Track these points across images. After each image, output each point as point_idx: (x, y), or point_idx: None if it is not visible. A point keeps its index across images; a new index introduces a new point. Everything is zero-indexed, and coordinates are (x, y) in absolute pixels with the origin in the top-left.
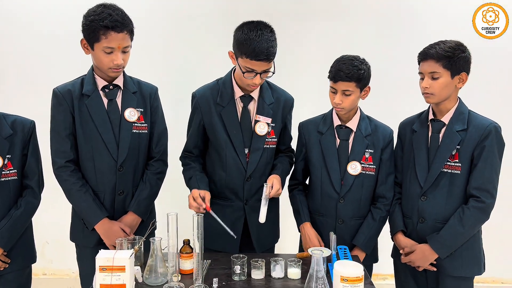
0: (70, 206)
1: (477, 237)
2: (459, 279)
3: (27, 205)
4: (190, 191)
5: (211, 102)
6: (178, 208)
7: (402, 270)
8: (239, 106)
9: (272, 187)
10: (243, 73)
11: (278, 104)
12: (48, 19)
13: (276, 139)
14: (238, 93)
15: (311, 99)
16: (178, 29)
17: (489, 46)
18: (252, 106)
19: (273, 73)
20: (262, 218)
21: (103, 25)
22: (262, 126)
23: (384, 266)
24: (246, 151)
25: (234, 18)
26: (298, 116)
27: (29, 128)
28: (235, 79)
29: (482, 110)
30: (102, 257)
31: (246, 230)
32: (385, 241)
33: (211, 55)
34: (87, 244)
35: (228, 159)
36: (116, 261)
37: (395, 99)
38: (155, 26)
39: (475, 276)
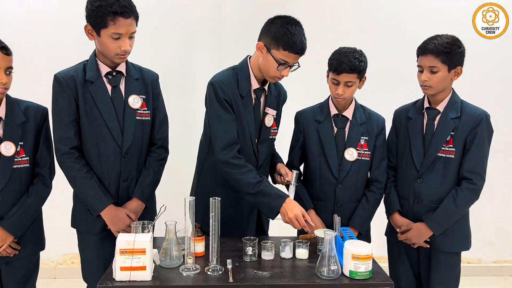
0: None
1: (466, 216)
2: (449, 254)
3: (38, 193)
4: (273, 203)
5: (236, 91)
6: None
7: (396, 247)
8: (253, 97)
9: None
10: (278, 65)
11: (279, 97)
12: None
13: (276, 131)
14: (254, 85)
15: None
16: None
17: (489, 46)
18: (262, 99)
19: (299, 66)
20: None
21: (112, 11)
22: (270, 118)
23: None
24: (256, 141)
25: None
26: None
27: (41, 115)
28: (252, 70)
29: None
30: (123, 240)
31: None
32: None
33: (208, 45)
34: (90, 230)
35: (244, 149)
36: (137, 244)
37: (388, 90)
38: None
39: None
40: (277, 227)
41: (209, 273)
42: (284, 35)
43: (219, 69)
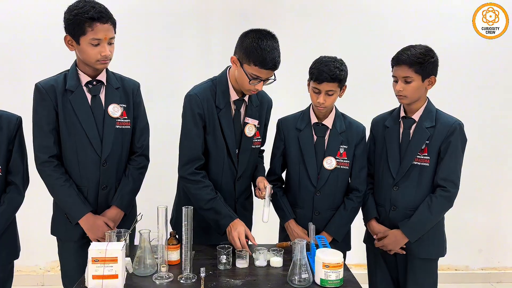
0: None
1: (441, 223)
2: (425, 260)
3: (11, 202)
4: (220, 222)
5: (212, 104)
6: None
7: (374, 254)
8: (232, 108)
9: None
10: (250, 80)
11: (262, 106)
12: (29, 14)
13: (260, 140)
14: (233, 96)
15: (284, 96)
16: (156, 26)
17: (489, 46)
18: (243, 109)
19: (274, 80)
20: (266, 218)
21: (89, 17)
22: (251, 128)
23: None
24: (236, 152)
25: (209, 16)
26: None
27: (15, 124)
28: (231, 82)
29: (482, 109)
30: (95, 249)
31: None
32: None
33: (192, 52)
34: (70, 238)
35: (221, 160)
36: (109, 253)
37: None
38: (135, 23)
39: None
40: (260, 237)
41: (181, 281)
42: (254, 50)
43: (203, 76)
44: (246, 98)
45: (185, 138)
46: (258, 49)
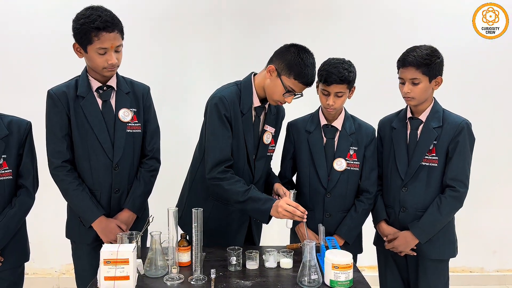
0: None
1: (452, 223)
2: (436, 261)
3: (21, 205)
4: (262, 208)
5: (237, 108)
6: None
7: (384, 256)
8: (253, 115)
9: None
10: (286, 91)
11: (278, 115)
12: (39, 19)
13: (274, 148)
14: (256, 103)
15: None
16: (166, 29)
17: (489, 46)
18: (262, 116)
19: (302, 95)
20: (290, 224)
21: (95, 27)
22: (268, 136)
23: (361, 259)
24: (253, 158)
25: (218, 18)
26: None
27: (25, 128)
28: (255, 88)
29: (482, 108)
30: (107, 251)
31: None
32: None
33: (201, 55)
34: (83, 241)
35: (241, 165)
36: (120, 254)
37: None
38: (144, 27)
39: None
40: (269, 239)
41: (192, 282)
42: (298, 64)
43: (211, 81)
44: (266, 106)
45: (214, 140)
46: (302, 64)
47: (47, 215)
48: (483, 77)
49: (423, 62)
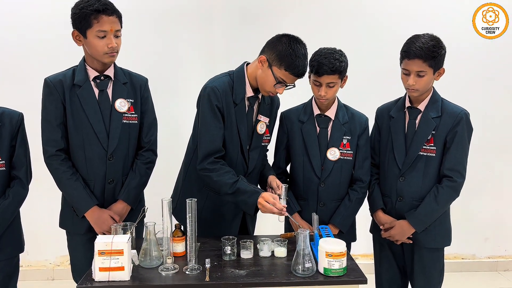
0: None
1: (447, 212)
2: (432, 250)
3: (15, 195)
4: (248, 199)
5: (230, 99)
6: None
7: (380, 244)
8: (246, 105)
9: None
10: (276, 82)
11: (273, 105)
12: (29, 9)
13: (269, 138)
14: (249, 93)
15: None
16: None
17: (489, 46)
18: (255, 106)
19: (293, 86)
20: (281, 218)
21: (94, 9)
22: (262, 126)
23: (355, 247)
24: (247, 148)
25: (211, 12)
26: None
27: (17, 120)
28: (248, 79)
29: (481, 108)
30: (101, 242)
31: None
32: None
33: (193, 47)
34: (77, 231)
35: (235, 156)
36: (115, 245)
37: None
38: (139, 20)
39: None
40: (263, 228)
41: (187, 272)
42: (289, 55)
43: (204, 73)
44: (259, 96)
45: (205, 131)
46: (293, 55)
47: (41, 207)
48: (483, 77)
49: (430, 55)
